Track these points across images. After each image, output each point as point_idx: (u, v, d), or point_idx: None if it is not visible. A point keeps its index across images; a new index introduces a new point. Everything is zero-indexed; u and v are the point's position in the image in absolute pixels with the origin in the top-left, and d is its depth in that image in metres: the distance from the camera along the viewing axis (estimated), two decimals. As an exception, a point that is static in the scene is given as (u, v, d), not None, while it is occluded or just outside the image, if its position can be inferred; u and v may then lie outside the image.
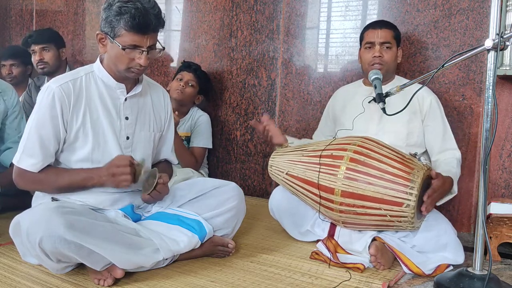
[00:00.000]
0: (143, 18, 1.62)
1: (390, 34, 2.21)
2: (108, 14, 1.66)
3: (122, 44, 1.66)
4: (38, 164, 1.71)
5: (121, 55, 1.68)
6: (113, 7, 1.64)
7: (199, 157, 2.82)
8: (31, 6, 3.97)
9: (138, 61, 1.68)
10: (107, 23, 1.66)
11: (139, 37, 1.65)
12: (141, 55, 1.68)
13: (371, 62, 2.19)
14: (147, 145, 1.89)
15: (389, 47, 2.20)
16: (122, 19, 1.62)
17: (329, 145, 1.96)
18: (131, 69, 1.72)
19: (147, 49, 1.68)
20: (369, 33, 2.23)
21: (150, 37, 1.68)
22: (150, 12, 1.64)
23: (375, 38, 2.20)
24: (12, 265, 1.75)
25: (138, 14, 1.61)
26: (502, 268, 1.90)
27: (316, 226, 2.09)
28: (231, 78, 3.07)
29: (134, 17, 1.61)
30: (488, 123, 1.57)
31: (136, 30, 1.64)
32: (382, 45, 2.19)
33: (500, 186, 2.32)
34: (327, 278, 1.73)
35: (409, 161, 1.81)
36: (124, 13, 1.62)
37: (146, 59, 1.69)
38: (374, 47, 2.19)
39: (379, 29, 2.21)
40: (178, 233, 1.77)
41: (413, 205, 1.73)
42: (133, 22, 1.62)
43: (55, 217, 1.50)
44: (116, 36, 1.66)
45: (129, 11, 1.61)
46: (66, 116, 1.71)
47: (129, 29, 1.63)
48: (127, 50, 1.67)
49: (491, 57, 1.56)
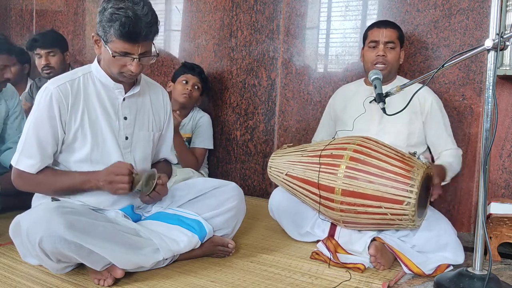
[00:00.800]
0: (133, 27, 1.58)
1: (395, 34, 2.22)
2: (101, 19, 1.64)
3: (113, 50, 1.63)
4: (36, 165, 1.71)
5: (112, 60, 1.67)
6: (106, 12, 1.61)
7: (199, 157, 2.82)
8: (31, 6, 3.97)
9: (129, 67, 1.67)
10: (101, 27, 1.65)
11: (129, 45, 1.62)
12: (132, 62, 1.66)
13: (374, 61, 2.19)
14: (146, 145, 1.89)
15: (393, 47, 2.20)
16: (112, 26, 1.60)
17: (329, 145, 1.96)
18: (123, 73, 1.70)
19: (139, 56, 1.65)
20: (373, 32, 2.23)
21: (142, 45, 1.64)
22: (143, 20, 1.60)
23: (380, 37, 2.20)
24: (12, 265, 1.75)
25: (128, 23, 1.58)
26: (502, 268, 1.90)
27: (316, 227, 2.09)
28: (231, 78, 3.07)
29: (124, 26, 1.58)
30: (488, 123, 1.57)
31: (125, 38, 1.60)
32: (386, 45, 2.19)
33: (500, 186, 2.32)
34: (327, 278, 1.73)
35: (409, 160, 1.82)
36: (114, 21, 1.59)
37: (137, 66, 1.67)
38: (378, 46, 2.19)
39: (384, 28, 2.21)
40: (178, 233, 1.77)
41: (413, 203, 1.73)
42: (123, 30, 1.58)
43: (55, 217, 1.50)
44: (108, 42, 1.64)
45: (119, 18, 1.58)
46: (64, 117, 1.71)
47: (118, 38, 1.60)
48: (117, 57, 1.65)
49: (491, 57, 1.56)
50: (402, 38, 2.26)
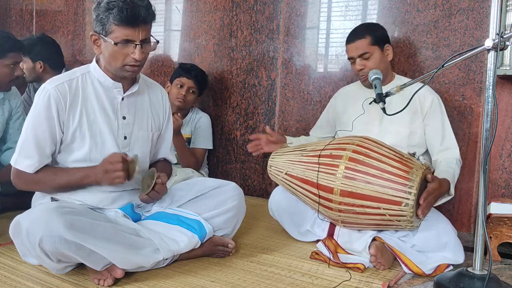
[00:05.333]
0: (131, 11, 1.61)
1: (365, 43, 2.15)
2: (98, 13, 1.65)
3: (114, 40, 1.64)
4: (34, 165, 1.71)
5: (115, 52, 1.67)
6: (102, 4, 1.64)
7: (199, 157, 2.82)
8: (31, 6, 3.97)
9: (133, 56, 1.67)
10: (98, 22, 1.66)
11: (130, 30, 1.64)
12: (135, 50, 1.66)
13: (357, 74, 2.21)
14: (145, 145, 1.89)
15: (367, 57, 2.15)
16: (111, 14, 1.62)
17: (328, 145, 1.96)
18: (126, 66, 1.70)
19: (140, 42, 1.66)
20: (347, 48, 2.21)
21: (142, 30, 1.66)
22: (139, 4, 1.63)
23: (351, 53, 2.18)
24: (12, 265, 1.75)
25: (126, 7, 1.60)
26: (502, 268, 1.90)
27: (316, 226, 2.09)
28: (231, 78, 3.07)
29: (122, 10, 1.60)
30: (488, 123, 1.57)
31: (126, 23, 1.62)
32: (361, 57, 2.16)
33: (500, 186, 2.32)
34: (327, 278, 1.73)
35: (408, 160, 1.81)
36: (112, 8, 1.61)
37: (141, 53, 1.67)
38: (355, 61, 2.18)
39: (352, 43, 2.18)
40: (178, 233, 1.77)
41: (412, 204, 1.73)
42: (122, 15, 1.61)
43: (55, 217, 1.50)
44: (108, 33, 1.65)
45: (116, 5, 1.60)
46: (62, 117, 1.71)
47: (119, 23, 1.62)
48: (120, 46, 1.65)
49: (491, 57, 1.56)
50: (379, 39, 2.16)
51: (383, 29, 2.24)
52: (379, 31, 2.21)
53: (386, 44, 2.20)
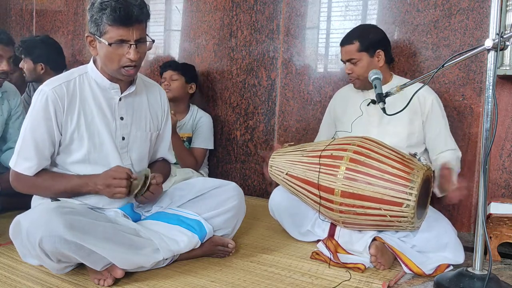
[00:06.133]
0: (124, 10, 1.60)
1: (353, 49, 2.15)
2: (92, 13, 1.65)
3: (108, 40, 1.63)
4: (33, 168, 1.71)
5: (110, 53, 1.66)
6: (95, 4, 1.63)
7: (199, 157, 2.82)
8: (31, 6, 3.97)
9: (128, 56, 1.66)
10: (92, 22, 1.65)
11: (124, 30, 1.63)
12: (130, 50, 1.65)
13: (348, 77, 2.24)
14: (143, 145, 1.88)
15: (354, 62, 2.15)
16: (104, 14, 1.61)
17: (329, 145, 1.96)
18: (122, 70, 1.69)
19: (134, 42, 1.65)
20: (340, 51, 2.24)
21: (136, 29, 1.65)
22: (132, 3, 1.62)
23: (342, 56, 2.22)
24: (12, 265, 1.75)
25: (119, 7, 1.60)
26: (502, 268, 1.90)
27: (317, 226, 2.09)
28: (231, 78, 3.07)
29: (115, 10, 1.60)
30: (488, 123, 1.57)
31: (119, 23, 1.61)
32: (350, 61, 2.17)
33: (500, 186, 2.32)
34: (327, 278, 1.73)
35: (409, 161, 1.81)
36: (105, 8, 1.60)
37: (136, 53, 1.66)
38: (346, 64, 2.21)
39: (342, 46, 2.21)
40: (178, 233, 1.77)
41: (413, 205, 1.73)
42: (115, 15, 1.60)
43: (55, 217, 1.50)
44: (102, 34, 1.64)
45: (109, 5, 1.60)
46: (60, 119, 1.71)
47: (112, 23, 1.61)
48: (115, 46, 1.64)
49: (491, 57, 1.56)
50: (369, 45, 2.14)
51: (377, 34, 2.20)
52: (370, 37, 2.16)
53: (378, 49, 2.16)
